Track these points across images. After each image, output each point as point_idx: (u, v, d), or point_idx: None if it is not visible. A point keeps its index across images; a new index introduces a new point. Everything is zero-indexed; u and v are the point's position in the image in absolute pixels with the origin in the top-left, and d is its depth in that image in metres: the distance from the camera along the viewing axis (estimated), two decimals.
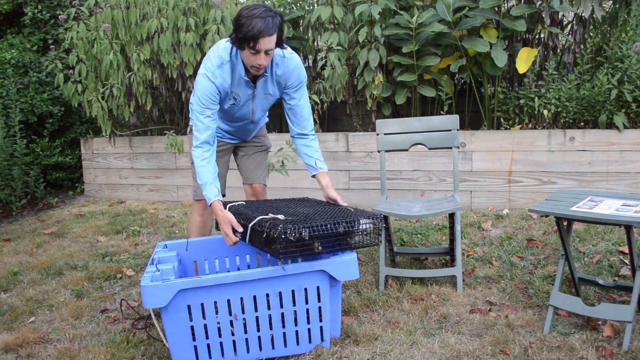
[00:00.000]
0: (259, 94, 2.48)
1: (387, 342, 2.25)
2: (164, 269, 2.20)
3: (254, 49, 2.19)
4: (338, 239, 2.14)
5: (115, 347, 2.33)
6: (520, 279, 2.81)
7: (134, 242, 3.84)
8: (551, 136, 3.86)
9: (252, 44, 2.17)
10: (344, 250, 2.17)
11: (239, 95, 2.44)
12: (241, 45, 2.21)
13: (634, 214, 2.04)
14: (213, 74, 2.32)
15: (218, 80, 2.33)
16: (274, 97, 2.55)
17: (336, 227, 2.11)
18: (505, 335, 2.24)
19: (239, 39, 2.19)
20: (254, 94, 2.47)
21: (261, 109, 2.58)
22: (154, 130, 5.19)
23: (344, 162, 4.42)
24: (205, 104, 2.34)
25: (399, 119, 3.02)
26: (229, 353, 2.13)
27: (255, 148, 2.83)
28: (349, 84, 4.59)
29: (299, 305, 2.15)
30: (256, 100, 2.50)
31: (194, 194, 2.76)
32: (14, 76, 5.13)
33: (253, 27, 2.13)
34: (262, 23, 2.14)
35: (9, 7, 5.44)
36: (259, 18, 2.14)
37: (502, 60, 3.91)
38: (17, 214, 4.91)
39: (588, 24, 4.31)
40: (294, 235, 2.01)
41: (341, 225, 2.12)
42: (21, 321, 2.69)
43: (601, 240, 3.23)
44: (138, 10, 4.47)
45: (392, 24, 4.20)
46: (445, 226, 3.68)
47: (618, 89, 3.69)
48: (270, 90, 2.49)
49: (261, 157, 2.85)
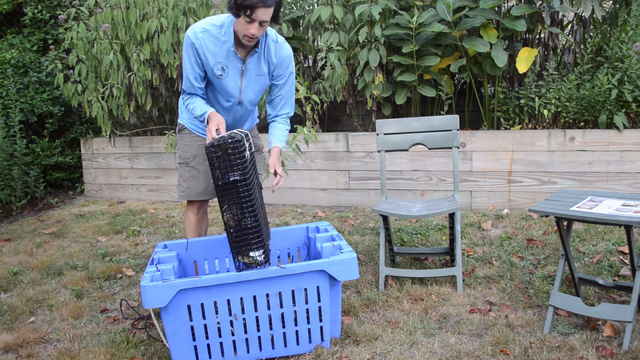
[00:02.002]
0: (250, 71, 2.45)
1: (387, 342, 2.25)
2: (164, 269, 2.20)
3: (249, 17, 2.20)
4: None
5: (115, 347, 2.33)
6: (520, 279, 2.81)
7: (134, 242, 3.84)
8: (551, 136, 3.86)
9: (249, 12, 2.19)
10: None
11: (227, 66, 2.42)
12: (237, 12, 2.23)
13: (633, 214, 2.04)
14: (195, 34, 2.35)
15: (198, 43, 2.35)
16: (265, 81, 2.51)
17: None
18: (505, 335, 2.24)
19: (237, 5, 2.21)
20: (244, 70, 2.44)
21: (251, 91, 2.52)
22: (154, 130, 5.19)
23: (344, 162, 4.42)
24: (190, 65, 2.38)
25: (399, 119, 3.02)
26: (229, 353, 2.13)
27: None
28: (349, 84, 4.59)
29: (299, 305, 2.15)
30: (245, 78, 2.46)
31: (181, 194, 2.71)
32: (14, 76, 5.13)
33: None
34: None
35: (9, 7, 5.44)
36: None
37: (502, 60, 3.91)
38: (17, 214, 4.91)
39: (588, 24, 4.31)
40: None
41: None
42: (21, 321, 2.69)
43: (601, 240, 3.23)
44: (138, 10, 4.47)
45: (392, 24, 4.20)
46: (445, 226, 3.68)
47: (618, 89, 3.69)
48: (262, 70, 2.47)
49: (259, 159, 2.83)
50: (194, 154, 2.65)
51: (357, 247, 3.44)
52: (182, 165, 2.70)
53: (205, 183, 2.67)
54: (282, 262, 2.62)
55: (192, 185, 2.67)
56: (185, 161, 2.68)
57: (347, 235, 3.69)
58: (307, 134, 3.62)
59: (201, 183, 2.67)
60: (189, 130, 2.67)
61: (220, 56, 2.39)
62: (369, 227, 3.83)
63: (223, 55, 2.39)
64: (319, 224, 2.63)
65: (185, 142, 2.69)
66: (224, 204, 2.11)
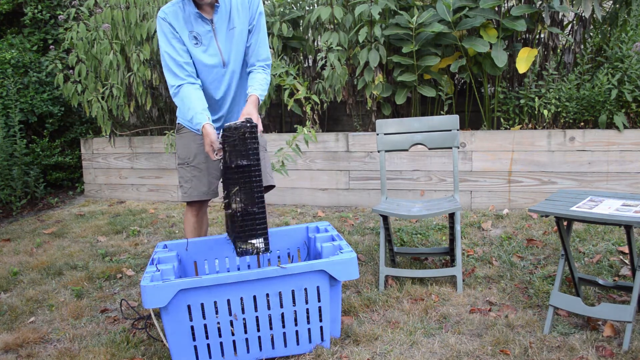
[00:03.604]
0: (220, 29, 2.44)
1: (387, 342, 2.25)
2: (164, 269, 2.20)
3: None
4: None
5: (115, 347, 2.33)
6: (520, 279, 2.81)
7: (134, 242, 3.84)
8: (551, 136, 3.86)
9: None
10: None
11: (199, 34, 2.42)
12: None
13: (633, 214, 2.04)
14: (164, 11, 2.39)
15: (170, 17, 2.38)
16: (240, 33, 2.47)
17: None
18: (505, 335, 2.24)
19: None
20: (214, 30, 2.43)
21: (231, 48, 2.47)
22: (154, 130, 5.19)
23: (344, 162, 4.42)
24: (166, 40, 2.38)
25: (399, 119, 3.02)
26: (229, 353, 2.13)
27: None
28: (349, 84, 4.59)
29: (299, 305, 2.15)
30: (219, 36, 2.44)
31: (184, 195, 2.66)
32: (13, 76, 5.13)
33: None
34: None
35: (9, 7, 5.44)
36: None
37: (502, 60, 3.91)
38: (17, 214, 4.92)
39: (588, 24, 4.31)
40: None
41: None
42: (21, 321, 2.69)
43: (601, 240, 3.23)
44: (138, 10, 4.47)
45: (392, 24, 4.20)
46: (445, 226, 3.68)
47: (618, 89, 3.69)
48: (234, 22, 2.44)
49: (265, 156, 2.74)
50: (195, 154, 2.61)
51: (357, 247, 3.44)
52: (182, 166, 2.66)
53: (207, 182, 2.64)
54: (282, 262, 2.62)
55: (194, 185, 2.63)
56: (186, 161, 2.64)
57: (347, 235, 3.69)
58: (307, 134, 3.62)
59: (204, 183, 2.63)
60: (188, 130, 2.63)
61: (190, 26, 2.40)
62: (369, 227, 3.83)
63: (191, 24, 2.40)
64: (319, 224, 2.63)
65: (184, 142, 2.64)
66: (233, 187, 2.11)
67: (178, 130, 2.69)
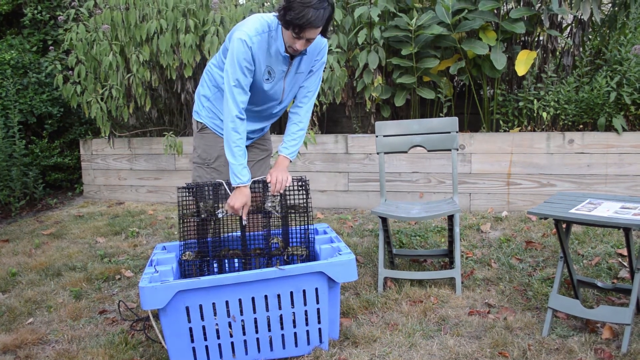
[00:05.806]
0: (291, 70, 2.39)
1: (385, 344, 2.25)
2: (163, 270, 2.20)
3: (297, 35, 2.16)
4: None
5: (113, 349, 2.33)
6: (519, 281, 2.81)
7: (133, 244, 3.84)
8: (550, 138, 3.87)
9: (298, 30, 2.14)
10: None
11: (274, 71, 2.35)
12: (286, 26, 2.17)
13: (632, 217, 2.05)
14: (251, 39, 2.23)
15: (255, 47, 2.24)
16: (304, 75, 2.46)
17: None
18: (504, 337, 2.24)
19: (286, 20, 2.14)
20: (288, 71, 2.39)
21: (290, 88, 2.48)
22: (153, 132, 5.19)
23: (343, 164, 4.42)
24: (241, 70, 2.24)
25: (398, 121, 3.02)
26: (227, 355, 2.13)
27: (262, 152, 2.72)
28: (348, 86, 4.59)
29: (298, 306, 2.15)
30: (287, 77, 2.41)
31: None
32: (13, 77, 5.13)
33: (303, 16, 2.09)
34: (314, 14, 2.09)
35: (8, 7, 5.44)
36: (312, 8, 2.09)
37: (501, 62, 3.91)
38: (16, 214, 4.91)
39: (587, 26, 4.32)
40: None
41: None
42: (19, 322, 2.69)
43: (600, 242, 3.23)
44: (137, 11, 4.47)
45: (392, 26, 4.21)
46: (444, 228, 3.68)
47: (617, 92, 3.69)
48: (303, 68, 2.41)
49: (268, 163, 2.76)
50: (217, 155, 2.54)
51: (356, 248, 3.44)
52: (200, 166, 2.58)
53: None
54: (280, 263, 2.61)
55: None
56: (206, 162, 2.56)
57: (346, 237, 3.69)
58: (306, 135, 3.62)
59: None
60: (211, 130, 2.55)
61: (269, 61, 2.32)
62: (368, 229, 3.83)
63: (271, 60, 2.32)
64: (318, 225, 2.63)
65: (207, 142, 2.56)
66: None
67: (201, 129, 2.59)
